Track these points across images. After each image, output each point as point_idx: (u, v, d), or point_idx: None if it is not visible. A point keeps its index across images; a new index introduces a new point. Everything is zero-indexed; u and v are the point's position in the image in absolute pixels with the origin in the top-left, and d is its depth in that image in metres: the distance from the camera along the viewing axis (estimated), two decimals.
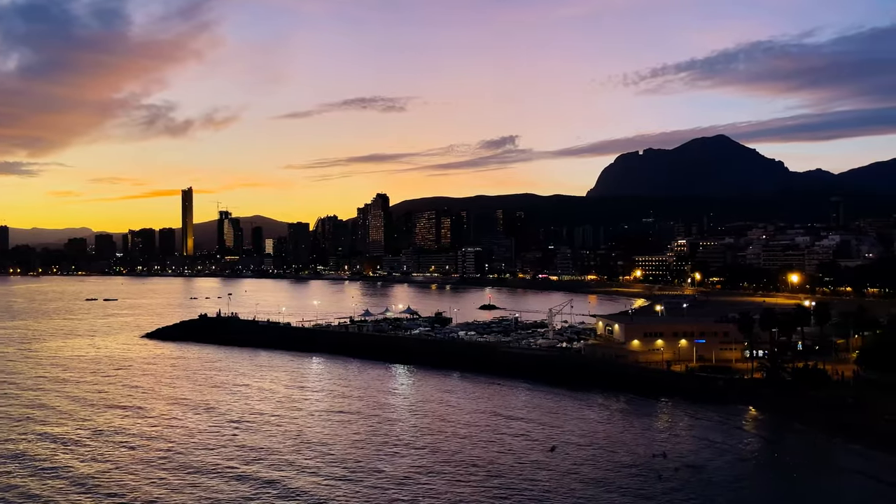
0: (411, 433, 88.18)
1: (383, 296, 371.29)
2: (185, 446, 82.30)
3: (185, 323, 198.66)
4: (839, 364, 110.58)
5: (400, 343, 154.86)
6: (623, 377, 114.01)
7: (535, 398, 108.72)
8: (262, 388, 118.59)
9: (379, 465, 74.70)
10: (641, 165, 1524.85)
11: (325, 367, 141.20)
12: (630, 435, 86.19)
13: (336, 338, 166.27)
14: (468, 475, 71.13)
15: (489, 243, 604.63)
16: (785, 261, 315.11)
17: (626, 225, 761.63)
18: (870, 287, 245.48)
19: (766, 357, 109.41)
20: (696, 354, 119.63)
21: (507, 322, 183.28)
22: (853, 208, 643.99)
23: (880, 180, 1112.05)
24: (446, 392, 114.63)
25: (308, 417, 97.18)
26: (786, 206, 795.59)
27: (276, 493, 66.43)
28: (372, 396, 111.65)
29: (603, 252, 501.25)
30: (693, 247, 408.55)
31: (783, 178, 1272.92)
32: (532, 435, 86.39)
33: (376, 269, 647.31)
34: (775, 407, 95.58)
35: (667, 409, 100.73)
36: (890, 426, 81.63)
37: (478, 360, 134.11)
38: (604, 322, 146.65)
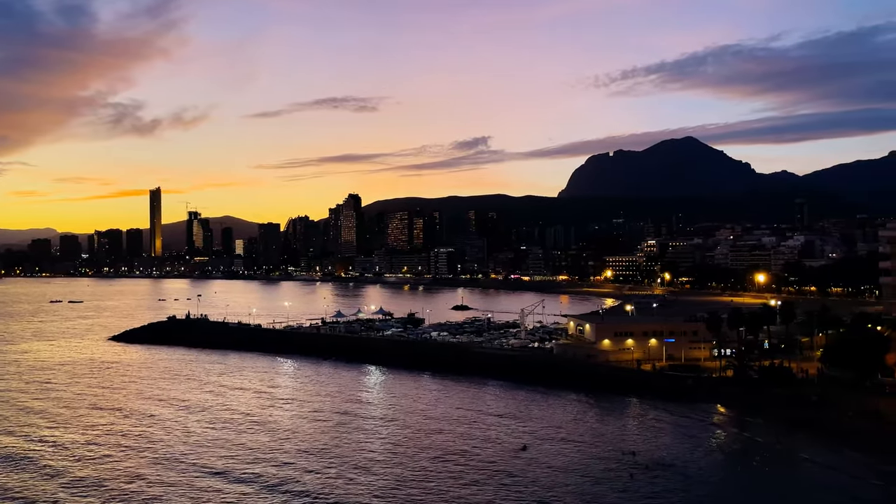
0: (383, 434, 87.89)
1: (355, 297, 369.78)
2: (155, 448, 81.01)
3: (153, 325, 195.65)
4: (804, 362, 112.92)
5: (372, 344, 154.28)
6: (594, 376, 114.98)
7: (507, 398, 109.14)
8: (232, 390, 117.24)
9: (350, 466, 74.27)
10: (612, 166, 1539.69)
11: (297, 369, 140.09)
12: (601, 434, 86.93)
13: (308, 339, 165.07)
14: (439, 475, 71.09)
15: (462, 244, 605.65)
16: (752, 261, 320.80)
17: (597, 225, 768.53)
18: (833, 286, 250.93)
19: (733, 356, 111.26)
20: (666, 353, 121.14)
21: (479, 322, 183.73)
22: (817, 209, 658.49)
23: (843, 182, 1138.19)
24: (419, 392, 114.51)
25: (278, 418, 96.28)
26: (753, 207, 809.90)
27: (247, 494, 65.69)
28: (344, 397, 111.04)
29: (574, 252, 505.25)
30: (662, 247, 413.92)
31: (750, 180, 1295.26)
32: (504, 434, 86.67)
33: (348, 269, 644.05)
34: (742, 404, 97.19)
35: (637, 408, 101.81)
36: (852, 423, 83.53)
37: (450, 360, 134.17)
38: (575, 322, 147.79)
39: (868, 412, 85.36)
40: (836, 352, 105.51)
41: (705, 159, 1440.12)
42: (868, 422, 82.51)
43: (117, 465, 75.85)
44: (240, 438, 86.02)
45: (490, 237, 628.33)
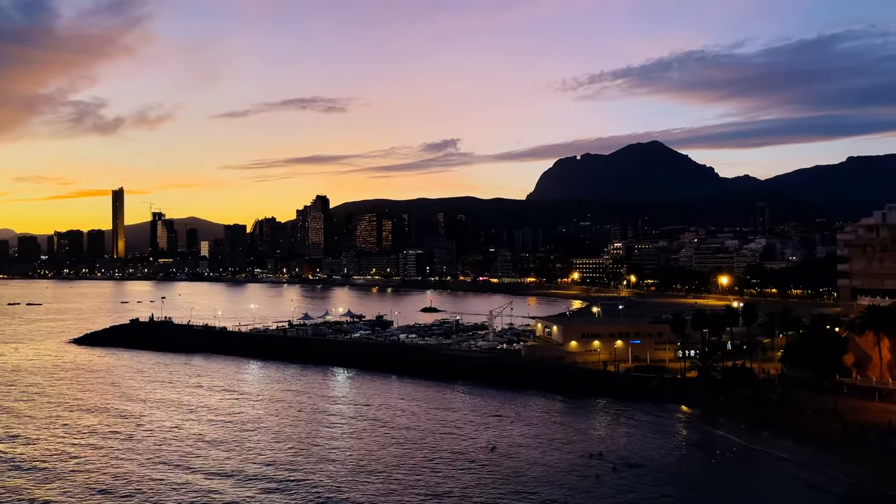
0: (351, 437, 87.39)
1: (323, 299, 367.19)
2: (119, 453, 79.39)
3: (115, 328, 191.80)
4: (765, 363, 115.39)
5: (340, 346, 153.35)
6: (561, 378, 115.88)
7: (476, 400, 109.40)
8: (197, 394, 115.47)
9: (317, 470, 73.68)
10: (579, 170, 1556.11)
11: (263, 372, 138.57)
12: (568, 435, 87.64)
13: (274, 342, 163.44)
14: (408, 477, 70.92)
15: (430, 246, 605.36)
16: (715, 263, 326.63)
17: (565, 228, 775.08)
18: (793, 288, 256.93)
19: (697, 357, 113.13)
20: (632, 355, 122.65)
21: (448, 324, 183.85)
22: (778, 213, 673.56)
23: (803, 187, 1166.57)
24: (387, 395, 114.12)
25: (245, 422, 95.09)
26: (716, 211, 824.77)
27: (214, 500, 64.76)
28: (311, 400, 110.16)
29: (542, 255, 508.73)
30: (628, 250, 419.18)
31: (713, 184, 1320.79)
32: (472, 436, 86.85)
33: (316, 271, 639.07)
34: (706, 405, 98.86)
35: (604, 409, 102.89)
36: (811, 422, 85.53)
37: (419, 362, 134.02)
38: (543, 324, 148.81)
39: (826, 411, 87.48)
40: (796, 353, 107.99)
41: (670, 163, 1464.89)
42: (827, 421, 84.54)
43: (79, 468, 74.14)
44: (205, 442, 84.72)
45: (459, 239, 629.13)
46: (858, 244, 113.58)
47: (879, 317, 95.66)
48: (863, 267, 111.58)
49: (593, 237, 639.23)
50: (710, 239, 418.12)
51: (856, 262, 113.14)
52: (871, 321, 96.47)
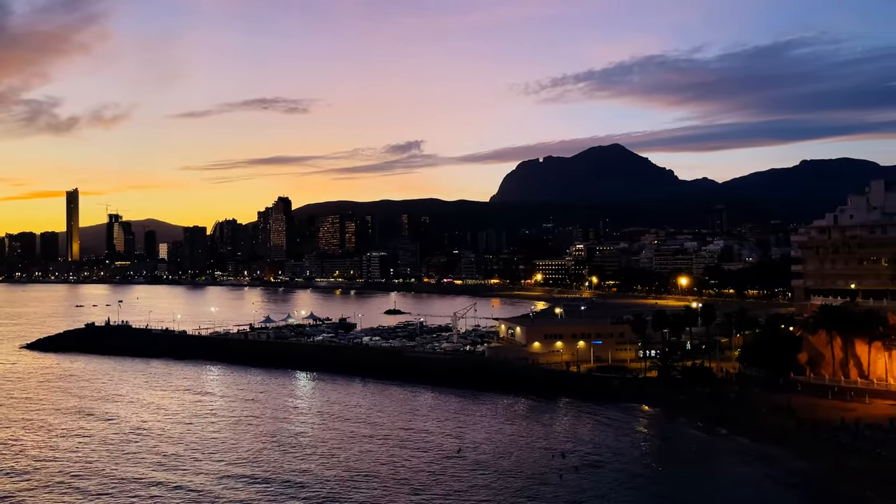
0: (314, 441, 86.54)
1: (285, 302, 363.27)
2: (76, 460, 77.26)
3: (70, 332, 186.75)
4: (723, 362, 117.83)
5: (302, 350, 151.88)
6: (525, 378, 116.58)
7: (440, 401, 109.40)
8: (156, 399, 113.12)
9: (281, 475, 72.79)
10: (542, 172, 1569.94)
11: (224, 376, 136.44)
12: (532, 435, 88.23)
13: (235, 345, 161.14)
14: (373, 481, 70.55)
15: (394, 248, 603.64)
16: (675, 265, 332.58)
17: (528, 230, 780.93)
18: (750, 289, 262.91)
19: (658, 356, 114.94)
20: (594, 355, 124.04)
21: (412, 326, 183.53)
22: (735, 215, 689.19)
23: (759, 189, 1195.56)
24: (351, 398, 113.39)
25: (205, 426, 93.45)
26: (675, 213, 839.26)
27: None
28: (273, 404, 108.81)
29: (506, 256, 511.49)
30: (590, 251, 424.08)
31: (673, 186, 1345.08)
32: (437, 438, 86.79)
33: (278, 274, 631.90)
34: (666, 403, 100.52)
35: (567, 409, 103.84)
36: (767, 419, 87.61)
37: (383, 365, 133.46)
38: (506, 325, 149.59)
39: (782, 409, 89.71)
40: (753, 352, 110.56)
41: (631, 166, 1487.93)
42: (782, 418, 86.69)
43: (25, 479, 71.93)
44: (163, 448, 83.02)
45: (423, 241, 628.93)
46: (811, 246, 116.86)
47: (831, 316, 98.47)
48: (815, 268, 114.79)
49: (556, 239, 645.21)
50: (670, 241, 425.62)
51: (809, 263, 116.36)
52: (823, 320, 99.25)
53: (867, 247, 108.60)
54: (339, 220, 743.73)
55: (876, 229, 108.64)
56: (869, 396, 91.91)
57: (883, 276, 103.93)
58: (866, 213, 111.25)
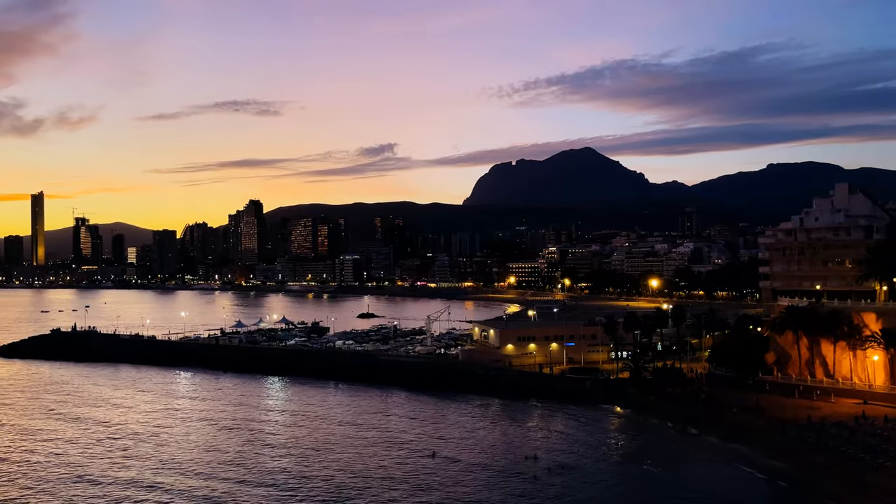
0: (287, 446, 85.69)
1: (257, 306, 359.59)
2: (40, 467, 75.46)
3: (35, 338, 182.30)
4: (693, 363, 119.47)
5: (274, 354, 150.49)
6: (498, 381, 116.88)
7: (414, 405, 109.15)
8: (124, 404, 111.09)
9: (254, 481, 71.96)
10: (515, 175, 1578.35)
11: (195, 382, 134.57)
12: (506, 437, 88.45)
13: (206, 351, 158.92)
14: (349, 485, 70.08)
15: (368, 251, 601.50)
16: (646, 267, 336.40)
17: (501, 233, 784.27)
18: (719, 290, 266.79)
19: (629, 358, 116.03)
20: (567, 357, 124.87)
21: (385, 330, 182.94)
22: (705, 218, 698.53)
23: (727, 192, 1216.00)
24: (324, 403, 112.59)
25: (174, 433, 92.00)
26: (646, 216, 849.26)
27: None
28: (244, 410, 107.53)
29: (479, 259, 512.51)
30: (563, 254, 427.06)
31: (643, 189, 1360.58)
32: (412, 442, 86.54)
33: (249, 278, 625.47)
34: (638, 404, 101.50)
35: (540, 411, 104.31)
36: (737, 419, 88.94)
37: (356, 369, 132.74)
38: (480, 328, 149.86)
39: (751, 408, 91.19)
40: (722, 352, 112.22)
41: (603, 169, 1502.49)
42: (751, 417, 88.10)
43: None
44: (133, 454, 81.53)
45: (396, 244, 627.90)
46: (778, 248, 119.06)
47: (798, 317, 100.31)
48: (782, 269, 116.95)
49: (529, 242, 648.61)
50: (641, 243, 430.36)
51: (776, 264, 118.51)
52: (790, 321, 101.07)
53: (832, 248, 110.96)
54: (311, 223, 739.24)
55: (840, 231, 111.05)
56: (834, 395, 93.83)
57: (847, 277, 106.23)
58: (831, 216, 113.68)
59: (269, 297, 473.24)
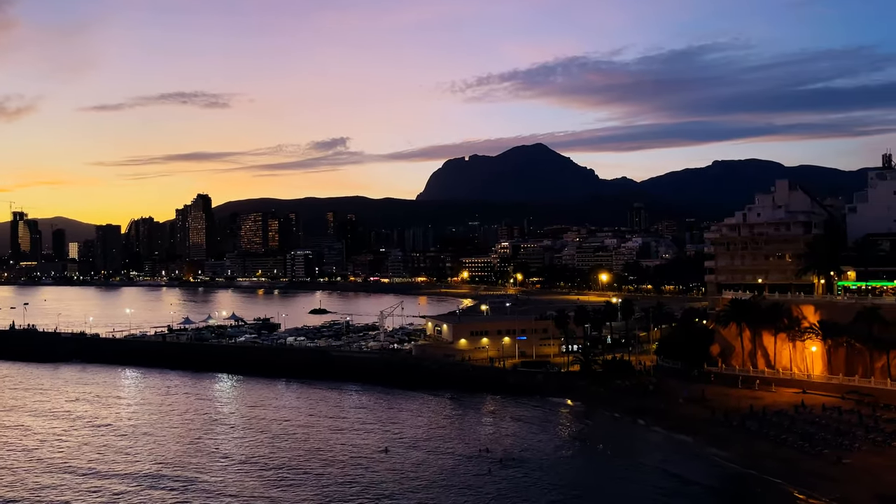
0: (235, 445, 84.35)
1: (205, 302, 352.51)
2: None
3: None
4: (642, 355, 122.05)
5: (224, 351, 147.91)
6: (452, 375, 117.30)
7: (367, 401, 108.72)
8: (66, 405, 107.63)
9: (202, 482, 70.58)
10: (468, 171, 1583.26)
11: (141, 380, 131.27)
12: (459, 432, 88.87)
13: (152, 348, 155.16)
14: (300, 482, 69.37)
15: (319, 246, 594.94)
16: (596, 261, 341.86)
17: (454, 228, 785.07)
18: (666, 284, 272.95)
19: (580, 351, 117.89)
20: (519, 350, 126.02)
21: (338, 326, 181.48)
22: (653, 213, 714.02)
23: (675, 188, 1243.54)
24: (275, 400, 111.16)
25: (120, 433, 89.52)
26: (596, 211, 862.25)
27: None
28: (192, 408, 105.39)
29: (432, 254, 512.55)
30: (515, 249, 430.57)
31: (594, 185, 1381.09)
32: (365, 437, 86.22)
33: (198, 274, 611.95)
34: (589, 396, 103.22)
35: (493, 405, 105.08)
36: (683, 409, 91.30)
37: (308, 365, 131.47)
38: (433, 323, 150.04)
39: (696, 399, 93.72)
40: (669, 345, 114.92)
41: (554, 165, 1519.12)
42: (697, 407, 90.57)
43: None
44: (76, 455, 79.04)
45: (349, 239, 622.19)
46: (723, 242, 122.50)
47: (741, 309, 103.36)
48: (726, 263, 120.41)
49: (482, 237, 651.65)
50: (591, 238, 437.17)
51: (720, 259, 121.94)
52: (733, 314, 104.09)
53: (773, 243, 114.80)
54: (261, 217, 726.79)
55: (780, 227, 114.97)
56: (775, 385, 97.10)
57: (787, 271, 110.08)
58: (772, 212, 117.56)
59: (218, 293, 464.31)
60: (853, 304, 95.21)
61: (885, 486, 60.90)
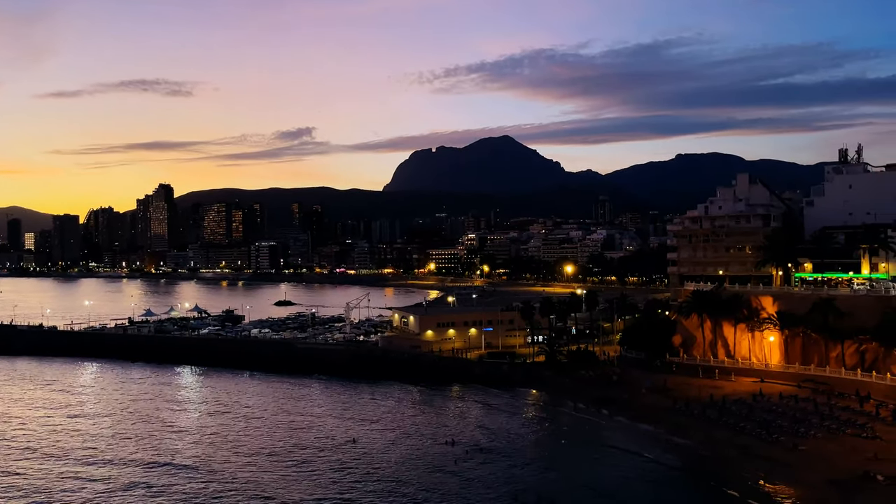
0: (198, 439, 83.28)
1: (168, 294, 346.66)
2: None
3: None
4: (606, 346, 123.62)
5: (186, 344, 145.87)
6: (418, 367, 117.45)
7: (334, 392, 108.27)
8: (23, 399, 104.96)
9: (166, 476, 69.59)
10: (435, 162, 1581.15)
11: (101, 374, 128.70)
12: (426, 422, 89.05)
13: (113, 341, 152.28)
14: (267, 474, 68.81)
15: (285, 237, 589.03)
16: (561, 253, 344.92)
17: (421, 219, 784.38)
18: (630, 276, 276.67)
19: (545, 342, 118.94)
20: (485, 342, 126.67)
21: (303, 318, 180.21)
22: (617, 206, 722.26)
23: (638, 181, 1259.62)
24: (239, 393, 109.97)
25: (80, 428, 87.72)
26: (562, 203, 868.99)
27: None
28: (154, 402, 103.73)
29: (399, 246, 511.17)
30: (482, 241, 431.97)
31: (559, 178, 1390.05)
32: (332, 430, 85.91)
33: (159, 265, 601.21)
34: (554, 387, 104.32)
35: (459, 395, 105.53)
36: (646, 398, 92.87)
37: (273, 358, 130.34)
38: (399, 314, 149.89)
39: (659, 388, 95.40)
40: (633, 335, 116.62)
41: (520, 157, 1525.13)
42: (659, 397, 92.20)
43: None
44: (35, 452, 77.18)
45: (315, 231, 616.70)
46: (685, 234, 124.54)
47: (702, 301, 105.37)
48: (689, 255, 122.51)
49: (449, 228, 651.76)
50: (557, 230, 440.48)
51: (683, 251, 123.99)
52: (695, 305, 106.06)
53: (733, 235, 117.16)
54: (225, 208, 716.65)
55: (741, 219, 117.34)
56: (735, 374, 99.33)
57: (747, 262, 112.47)
58: (733, 205, 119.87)
59: (180, 284, 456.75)
60: (809, 295, 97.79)
61: (839, 472, 62.83)
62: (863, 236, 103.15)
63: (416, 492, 64.52)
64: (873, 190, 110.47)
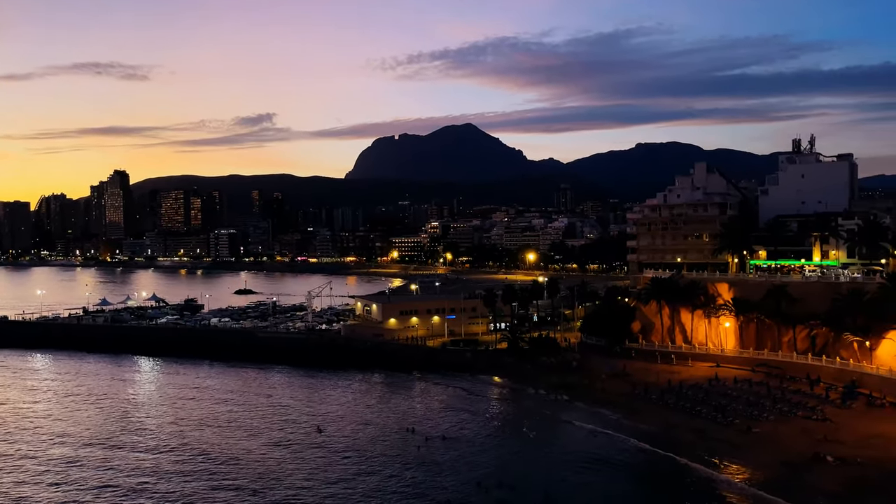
0: (156, 431, 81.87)
1: (124, 283, 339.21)
2: None
3: None
4: (567, 332, 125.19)
5: (144, 333, 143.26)
6: (381, 355, 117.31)
7: (296, 382, 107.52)
8: None
9: (124, 471, 68.31)
10: (397, 150, 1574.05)
11: (53, 364, 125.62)
12: (389, 410, 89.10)
13: (66, 331, 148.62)
14: (230, 466, 68.07)
15: (245, 225, 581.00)
16: (523, 241, 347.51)
17: (384, 207, 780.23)
18: (591, 263, 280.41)
19: (507, 329, 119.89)
20: (448, 329, 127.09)
21: (264, 306, 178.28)
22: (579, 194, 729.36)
23: (599, 170, 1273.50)
24: (199, 383, 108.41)
25: (33, 421, 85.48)
26: (524, 192, 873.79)
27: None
28: (109, 393, 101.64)
29: (362, 234, 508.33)
30: (445, 229, 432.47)
31: (522, 166, 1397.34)
32: (294, 417, 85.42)
33: (115, 253, 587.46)
34: (516, 373, 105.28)
35: (422, 383, 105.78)
36: (606, 385, 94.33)
37: (233, 347, 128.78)
38: (362, 302, 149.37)
39: (618, 374, 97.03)
40: (593, 322, 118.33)
41: (483, 145, 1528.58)
42: (619, 383, 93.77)
43: None
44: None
45: (275, 218, 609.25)
46: (644, 223, 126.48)
47: (661, 288, 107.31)
48: (648, 243, 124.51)
49: (412, 216, 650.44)
50: (519, 218, 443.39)
51: (642, 238, 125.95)
52: (654, 292, 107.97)
53: (691, 223, 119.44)
54: (183, 195, 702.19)
55: (698, 208, 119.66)
56: (692, 360, 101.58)
57: (704, 250, 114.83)
58: (691, 193, 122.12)
59: (137, 273, 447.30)
60: (763, 281, 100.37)
61: (790, 454, 64.82)
62: (814, 224, 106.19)
63: (381, 480, 64.58)
64: (825, 179, 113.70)
